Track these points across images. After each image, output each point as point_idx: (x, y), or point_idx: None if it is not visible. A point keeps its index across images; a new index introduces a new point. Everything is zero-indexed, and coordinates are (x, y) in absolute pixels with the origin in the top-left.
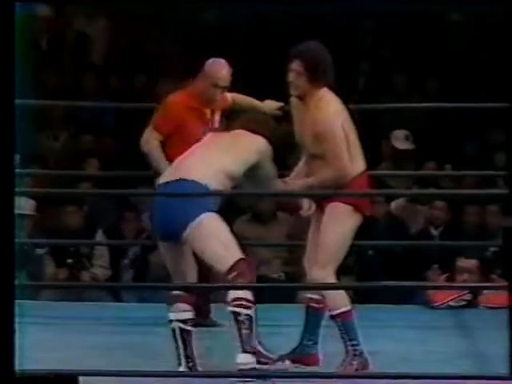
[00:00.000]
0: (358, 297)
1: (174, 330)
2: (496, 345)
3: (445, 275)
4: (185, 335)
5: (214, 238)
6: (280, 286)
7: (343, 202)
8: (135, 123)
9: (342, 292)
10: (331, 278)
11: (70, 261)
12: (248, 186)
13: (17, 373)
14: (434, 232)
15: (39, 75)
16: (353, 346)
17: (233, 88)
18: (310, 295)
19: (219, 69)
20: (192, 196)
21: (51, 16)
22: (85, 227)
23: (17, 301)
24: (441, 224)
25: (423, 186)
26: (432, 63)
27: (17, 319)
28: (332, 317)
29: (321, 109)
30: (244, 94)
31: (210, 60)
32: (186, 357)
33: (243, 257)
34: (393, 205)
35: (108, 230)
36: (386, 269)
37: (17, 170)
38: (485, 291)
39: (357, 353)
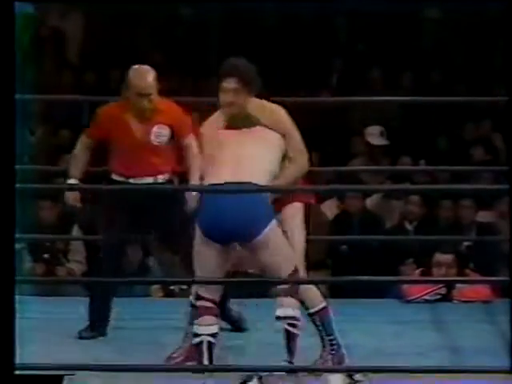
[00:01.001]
0: (333, 291)
1: (200, 343)
2: (470, 338)
3: (420, 269)
4: (212, 349)
5: (284, 244)
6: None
7: (299, 201)
8: None
9: (315, 290)
10: (304, 276)
11: (46, 256)
12: None
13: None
14: (409, 227)
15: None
16: (330, 340)
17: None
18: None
19: (141, 77)
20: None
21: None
22: (61, 222)
23: None
24: (415, 219)
25: (398, 182)
26: (406, 58)
27: None
28: (310, 315)
29: (273, 111)
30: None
31: (133, 68)
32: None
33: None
34: (368, 200)
35: (84, 226)
36: (360, 264)
37: None
38: (459, 285)
39: (334, 347)
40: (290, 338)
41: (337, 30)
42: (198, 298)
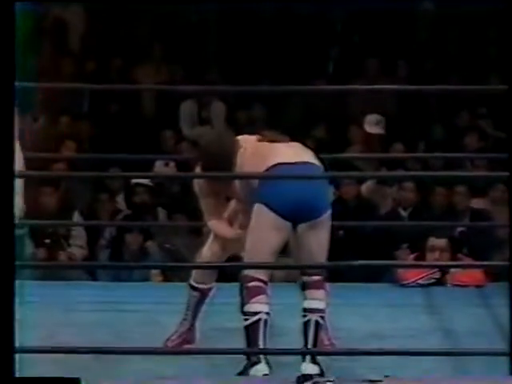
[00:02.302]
0: (329, 276)
1: (258, 321)
2: (463, 322)
3: (414, 254)
4: (267, 327)
5: (328, 236)
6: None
7: None
8: (111, 107)
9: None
10: None
11: (47, 241)
12: None
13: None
14: (403, 213)
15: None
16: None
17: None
18: None
19: None
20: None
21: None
22: (62, 208)
23: None
24: (410, 205)
25: (392, 168)
26: (402, 48)
27: None
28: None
29: None
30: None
31: None
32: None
33: None
34: (363, 187)
35: (84, 211)
36: (356, 249)
37: None
38: (452, 270)
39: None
40: (318, 331)
41: (333, 21)
42: (251, 279)
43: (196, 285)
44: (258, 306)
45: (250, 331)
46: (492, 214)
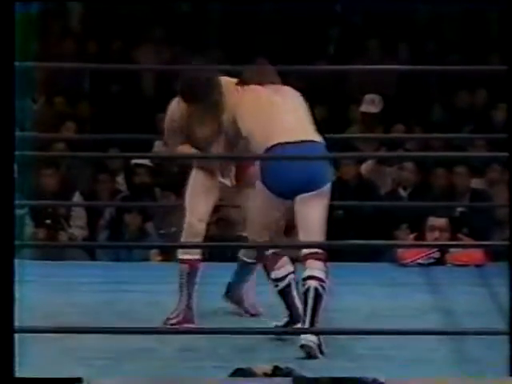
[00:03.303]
0: (329, 255)
1: (289, 286)
2: (463, 300)
3: (414, 234)
4: (296, 287)
5: (325, 210)
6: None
7: None
8: (111, 88)
9: None
10: None
11: (48, 221)
12: None
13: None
14: (403, 193)
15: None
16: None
17: None
18: None
19: None
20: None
21: None
22: (62, 189)
23: None
24: (410, 185)
25: (392, 149)
26: (403, 29)
27: None
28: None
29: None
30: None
31: None
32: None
33: None
34: (363, 166)
35: (85, 192)
36: (355, 228)
37: None
38: (452, 249)
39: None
40: (318, 298)
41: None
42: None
43: (183, 257)
44: (283, 270)
45: (285, 295)
46: (491, 194)
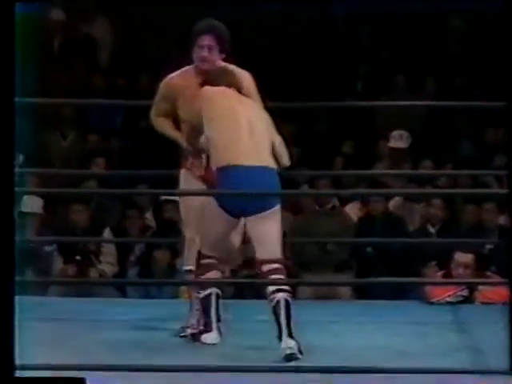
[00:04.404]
0: (357, 293)
1: (209, 295)
2: (492, 339)
3: (442, 272)
4: (219, 300)
5: (279, 228)
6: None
7: None
8: (140, 123)
9: None
10: None
11: (78, 258)
12: None
13: (17, 367)
14: (432, 230)
15: (49, 76)
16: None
17: None
18: None
19: None
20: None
21: (61, 19)
22: (92, 225)
23: (24, 297)
24: (438, 222)
25: (420, 185)
26: (430, 64)
27: (24, 315)
28: None
29: (244, 76)
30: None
31: None
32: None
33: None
34: (391, 203)
35: (114, 228)
36: (384, 265)
37: (23, 170)
38: (480, 287)
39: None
40: (289, 307)
41: (361, 37)
42: (203, 257)
43: (188, 268)
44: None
45: (204, 303)
46: None
